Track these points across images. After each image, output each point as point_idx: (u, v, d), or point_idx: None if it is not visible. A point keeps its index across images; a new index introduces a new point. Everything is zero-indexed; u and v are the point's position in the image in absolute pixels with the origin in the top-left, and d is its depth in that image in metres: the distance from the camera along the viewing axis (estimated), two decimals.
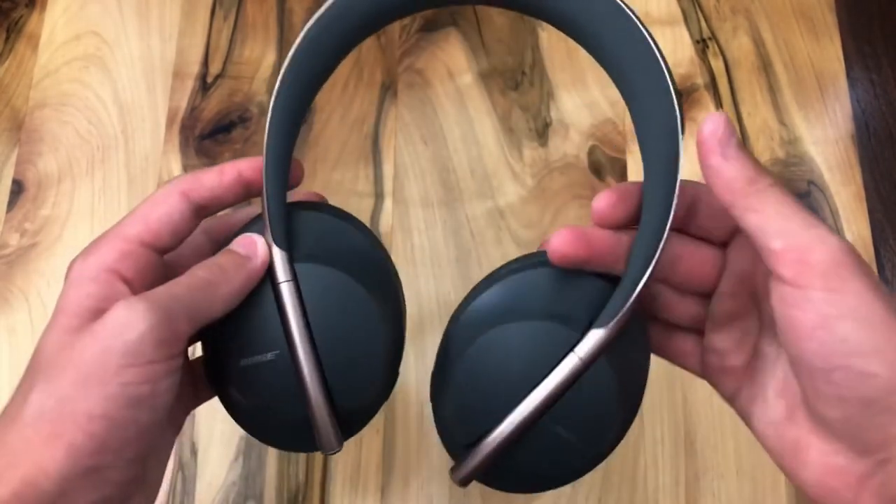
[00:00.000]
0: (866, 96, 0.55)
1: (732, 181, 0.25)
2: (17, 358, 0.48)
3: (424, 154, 0.53)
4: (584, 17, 0.29)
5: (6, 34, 0.56)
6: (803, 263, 0.23)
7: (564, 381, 0.27)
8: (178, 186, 0.29)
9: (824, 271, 0.23)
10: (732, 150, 0.25)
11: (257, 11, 0.57)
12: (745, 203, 0.24)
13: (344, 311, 0.29)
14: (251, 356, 0.29)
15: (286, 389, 0.29)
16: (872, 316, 0.22)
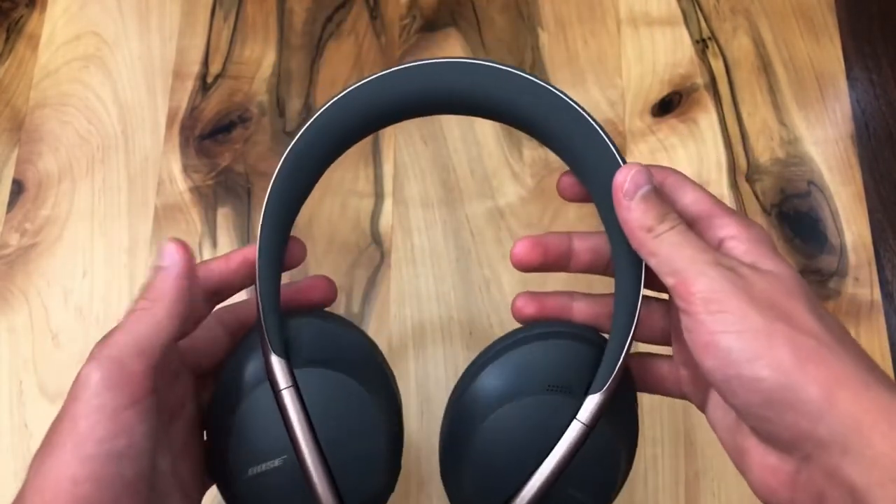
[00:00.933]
0: (866, 96, 0.55)
1: (634, 231, 0.29)
2: (17, 358, 0.48)
3: (424, 154, 0.53)
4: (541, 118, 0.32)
5: (6, 34, 0.56)
6: (689, 294, 0.26)
7: (572, 446, 0.30)
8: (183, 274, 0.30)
9: (705, 298, 0.26)
10: (636, 201, 0.29)
11: (257, 11, 0.57)
12: (646, 249, 0.28)
13: (345, 411, 0.30)
14: (257, 465, 0.29)
15: (295, 494, 0.29)
16: (752, 327, 0.25)
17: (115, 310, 0.49)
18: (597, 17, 0.56)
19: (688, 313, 0.27)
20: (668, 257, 0.28)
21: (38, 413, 0.47)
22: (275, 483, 0.29)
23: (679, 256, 0.27)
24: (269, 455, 0.29)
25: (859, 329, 0.49)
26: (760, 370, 0.25)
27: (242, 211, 0.51)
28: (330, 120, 0.34)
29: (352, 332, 0.33)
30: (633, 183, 0.29)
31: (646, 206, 0.28)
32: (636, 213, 0.28)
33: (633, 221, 0.29)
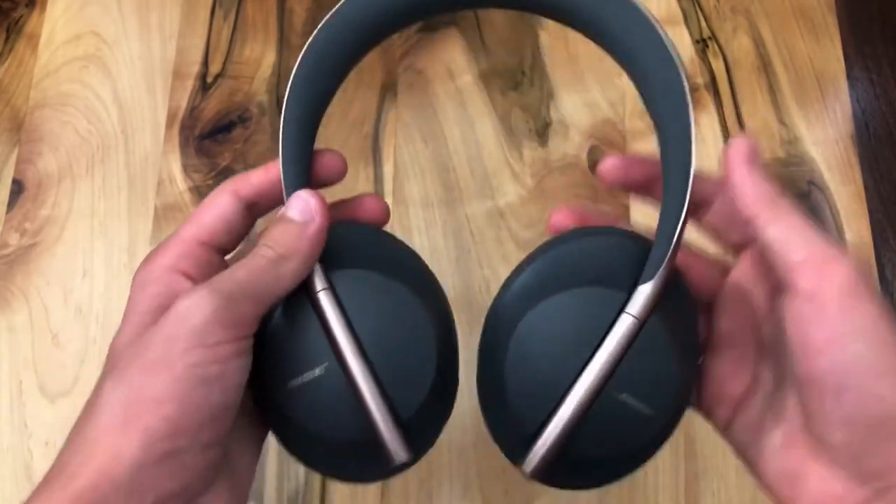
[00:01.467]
0: (866, 96, 0.55)
1: (758, 195, 0.25)
2: (17, 358, 0.48)
3: (424, 154, 0.53)
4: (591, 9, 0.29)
5: (6, 34, 0.56)
6: (823, 276, 0.23)
7: (622, 342, 0.26)
8: (228, 186, 0.30)
9: (842, 286, 0.23)
10: (758, 168, 0.26)
11: (257, 11, 0.57)
12: (769, 214, 0.25)
13: (389, 313, 0.28)
14: (297, 376, 0.27)
15: (342, 405, 0.27)
16: (884, 339, 0.22)
17: (116, 309, 0.49)
18: None
19: (811, 299, 0.23)
20: (799, 228, 0.24)
21: (38, 413, 0.47)
22: (318, 394, 0.27)
23: (812, 232, 0.24)
24: (309, 364, 0.27)
25: None
26: (886, 388, 0.22)
27: None
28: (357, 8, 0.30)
29: (395, 240, 0.30)
30: (752, 151, 0.26)
31: (766, 175, 0.26)
32: (757, 180, 0.25)
33: (755, 187, 0.25)
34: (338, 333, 0.27)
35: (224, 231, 0.29)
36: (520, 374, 0.27)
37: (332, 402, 0.27)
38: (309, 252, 0.28)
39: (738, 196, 0.26)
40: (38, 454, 0.46)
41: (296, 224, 0.28)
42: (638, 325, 0.26)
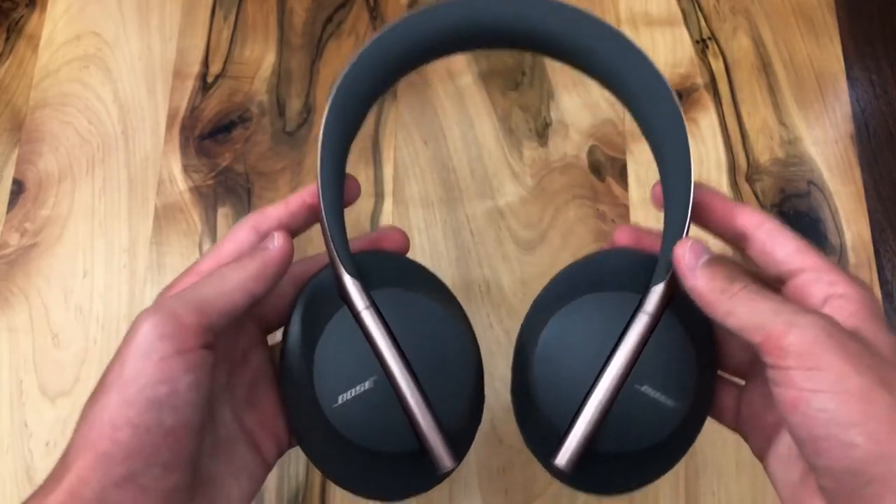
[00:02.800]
0: (866, 96, 0.55)
1: (704, 294, 0.28)
2: (17, 358, 0.48)
3: (424, 154, 0.53)
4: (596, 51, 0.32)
5: (6, 34, 0.56)
6: (780, 349, 0.25)
7: (640, 338, 0.29)
8: (247, 222, 0.31)
9: (798, 353, 0.24)
10: (699, 270, 0.28)
11: (257, 11, 0.57)
12: (722, 311, 0.27)
13: (428, 330, 0.30)
14: (347, 390, 0.28)
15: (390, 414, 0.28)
16: (849, 388, 0.24)
17: (116, 310, 0.49)
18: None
19: (778, 368, 0.25)
20: (749, 312, 0.26)
21: (38, 413, 0.47)
22: (367, 406, 0.28)
23: (762, 309, 0.26)
24: (357, 379, 0.28)
25: None
26: (855, 436, 0.23)
27: (242, 211, 0.52)
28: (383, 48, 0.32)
29: (420, 265, 0.33)
30: (692, 254, 0.28)
31: (712, 271, 0.28)
32: (703, 280, 0.28)
33: (703, 288, 0.28)
34: (383, 348, 0.28)
35: None
36: (547, 376, 0.29)
37: (381, 415, 0.28)
38: (257, 269, 0.29)
39: (695, 298, 0.28)
40: (38, 454, 0.46)
41: (262, 248, 0.30)
42: (653, 322, 0.29)
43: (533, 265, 0.50)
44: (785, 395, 0.25)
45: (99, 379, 0.27)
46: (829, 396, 0.24)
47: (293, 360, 0.30)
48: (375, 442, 0.28)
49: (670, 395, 0.29)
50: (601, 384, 0.29)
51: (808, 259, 0.28)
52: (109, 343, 0.49)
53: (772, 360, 0.25)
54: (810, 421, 0.24)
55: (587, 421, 0.28)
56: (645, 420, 0.29)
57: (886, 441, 0.23)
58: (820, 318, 0.25)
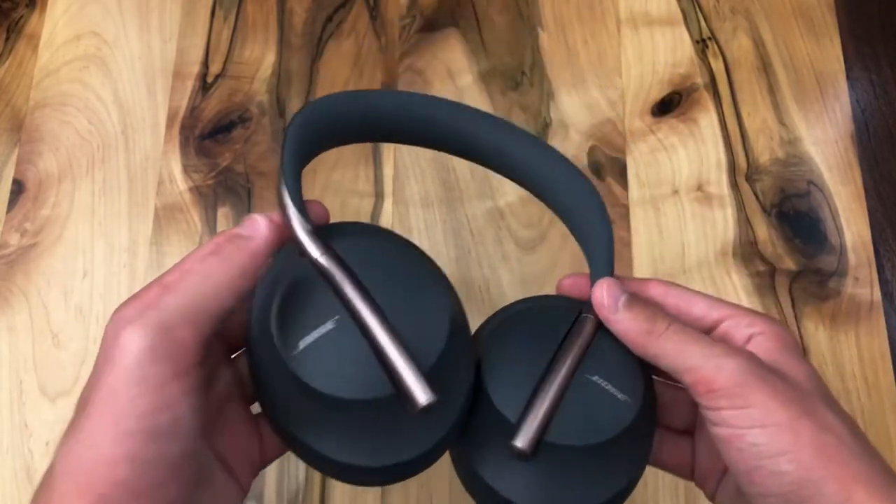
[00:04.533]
0: (866, 96, 0.55)
1: (632, 337, 0.29)
2: (17, 358, 0.48)
3: (424, 154, 0.53)
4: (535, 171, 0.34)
5: (6, 34, 0.56)
6: (710, 391, 0.26)
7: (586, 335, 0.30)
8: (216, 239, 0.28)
9: (728, 394, 0.26)
10: (621, 310, 0.29)
11: (257, 11, 0.57)
12: (650, 352, 0.28)
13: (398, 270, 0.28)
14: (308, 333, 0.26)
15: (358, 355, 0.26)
16: (777, 421, 0.25)
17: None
18: (597, 17, 0.56)
19: (711, 409, 0.27)
20: (678, 354, 0.28)
21: (38, 413, 0.47)
22: (332, 346, 0.26)
23: (690, 351, 0.27)
24: (317, 323, 0.26)
25: (859, 329, 0.49)
26: (785, 465, 0.25)
27: (242, 211, 0.52)
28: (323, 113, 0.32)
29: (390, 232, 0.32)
30: (609, 296, 0.29)
31: (632, 313, 0.29)
32: (626, 322, 0.29)
33: (628, 330, 0.29)
34: (345, 287, 0.26)
35: None
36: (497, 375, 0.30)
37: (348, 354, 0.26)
38: (247, 265, 0.26)
39: (622, 339, 0.29)
40: (38, 454, 0.46)
41: (238, 236, 0.27)
42: (597, 323, 0.30)
43: (533, 265, 0.50)
44: (721, 434, 0.27)
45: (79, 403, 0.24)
46: (759, 431, 0.26)
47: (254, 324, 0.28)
48: (341, 386, 0.26)
49: (621, 389, 0.29)
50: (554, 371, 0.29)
51: (723, 309, 0.30)
52: None
53: (705, 402, 0.27)
54: (745, 455, 0.26)
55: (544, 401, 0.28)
56: (598, 411, 0.29)
57: (812, 466, 0.25)
58: (744, 358, 0.27)
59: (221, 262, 0.26)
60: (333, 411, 0.27)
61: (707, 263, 0.50)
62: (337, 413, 0.27)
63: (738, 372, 0.26)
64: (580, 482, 0.29)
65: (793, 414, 0.26)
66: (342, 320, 0.26)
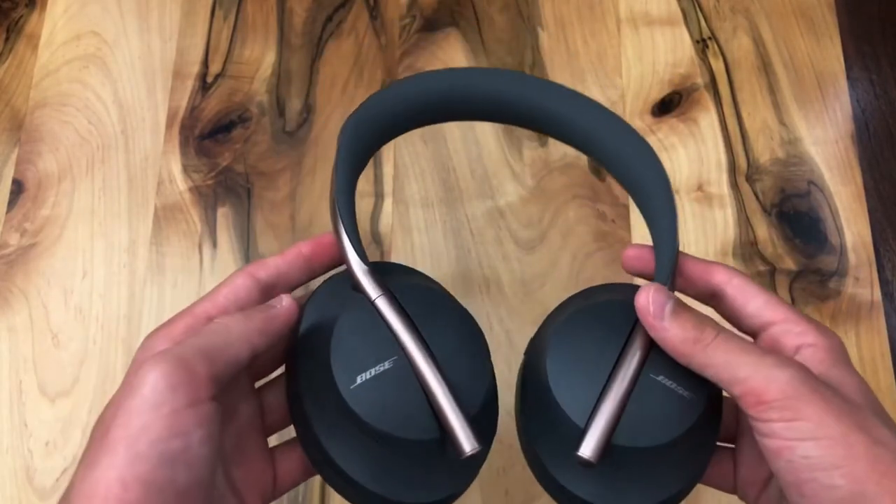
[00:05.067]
0: (866, 96, 0.55)
1: (678, 346, 0.28)
2: (17, 358, 0.48)
3: (424, 154, 0.53)
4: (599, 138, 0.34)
5: (6, 34, 0.56)
6: (761, 403, 0.26)
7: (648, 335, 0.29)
8: (245, 269, 0.31)
9: (780, 406, 0.26)
10: (668, 318, 0.28)
11: (257, 11, 0.57)
12: (697, 362, 0.28)
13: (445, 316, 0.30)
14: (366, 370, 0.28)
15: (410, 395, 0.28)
16: (829, 434, 0.25)
17: (115, 309, 0.49)
18: (597, 16, 0.56)
19: (761, 420, 0.26)
20: (726, 365, 0.27)
21: (37, 413, 0.47)
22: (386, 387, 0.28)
23: (739, 362, 0.27)
24: (375, 361, 0.28)
25: (859, 329, 0.49)
26: (838, 479, 0.25)
27: (242, 211, 0.51)
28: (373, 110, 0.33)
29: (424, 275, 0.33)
30: (656, 304, 0.28)
31: (680, 321, 0.28)
32: (674, 330, 0.28)
33: (674, 338, 0.28)
34: (400, 331, 0.28)
35: (235, 308, 0.30)
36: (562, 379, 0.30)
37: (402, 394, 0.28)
38: (262, 323, 0.28)
39: (667, 348, 0.28)
40: (38, 454, 0.46)
41: (264, 305, 0.30)
42: None
43: (533, 265, 0.50)
44: (770, 445, 0.26)
45: (96, 429, 0.26)
46: (811, 444, 0.25)
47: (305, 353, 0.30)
48: (393, 425, 0.27)
49: (685, 386, 0.29)
50: (619, 373, 0.29)
51: (778, 311, 0.30)
52: (109, 343, 0.49)
53: (754, 414, 0.26)
54: (795, 466, 0.26)
55: (610, 408, 0.28)
56: (665, 411, 0.29)
57: (865, 480, 0.25)
58: (796, 370, 0.26)
59: (244, 320, 0.28)
60: (378, 445, 0.28)
61: None
62: (380, 447, 0.28)
63: (789, 384, 0.26)
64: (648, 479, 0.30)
65: (845, 428, 0.25)
66: (397, 361, 0.28)
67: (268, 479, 0.31)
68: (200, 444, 0.25)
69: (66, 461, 0.46)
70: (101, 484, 0.23)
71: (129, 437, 0.24)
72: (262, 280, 0.30)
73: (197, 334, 0.27)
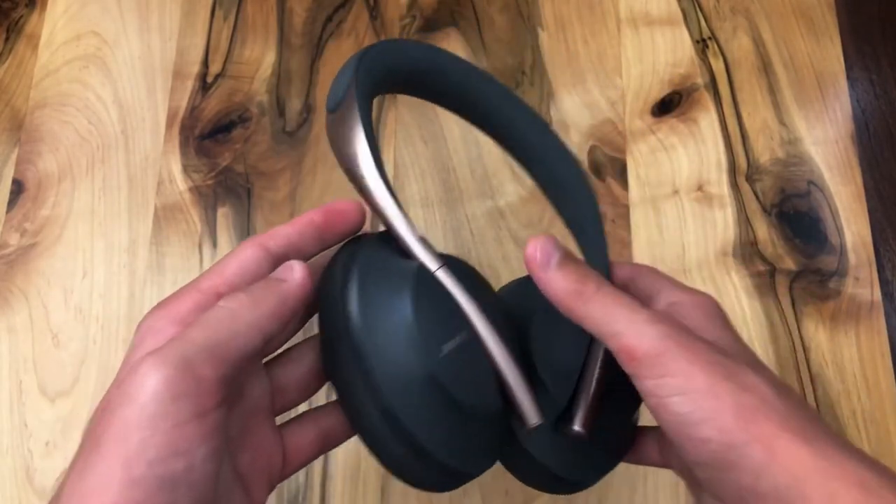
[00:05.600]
0: (866, 96, 0.55)
1: (562, 299, 0.28)
2: (17, 358, 0.48)
3: (424, 154, 0.53)
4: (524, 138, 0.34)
5: (6, 34, 0.56)
6: (633, 360, 0.26)
7: None
8: (255, 239, 0.28)
9: (649, 363, 0.26)
10: (553, 269, 0.28)
11: (257, 11, 0.57)
12: (577, 315, 0.28)
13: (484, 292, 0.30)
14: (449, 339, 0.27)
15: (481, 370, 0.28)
16: (696, 388, 0.25)
17: (115, 309, 0.49)
18: (597, 17, 0.56)
19: (636, 378, 0.26)
20: (603, 319, 0.27)
21: (37, 413, 0.47)
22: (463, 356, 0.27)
23: (615, 317, 0.27)
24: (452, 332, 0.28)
25: (859, 329, 0.49)
26: (707, 432, 0.25)
27: (242, 211, 0.51)
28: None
29: None
30: (543, 253, 0.28)
31: (564, 272, 0.28)
32: (557, 281, 0.28)
33: (558, 290, 0.28)
34: (465, 303, 0.28)
35: (244, 282, 0.27)
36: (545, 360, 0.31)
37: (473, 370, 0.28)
38: (277, 307, 0.26)
39: (552, 300, 0.28)
40: (38, 454, 0.46)
41: (272, 280, 0.27)
42: None
43: None
44: (649, 404, 0.26)
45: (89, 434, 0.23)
46: (680, 399, 0.25)
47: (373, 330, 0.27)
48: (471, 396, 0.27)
49: None
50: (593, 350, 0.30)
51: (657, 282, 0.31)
52: (109, 343, 0.49)
53: (630, 371, 0.26)
54: (672, 424, 0.26)
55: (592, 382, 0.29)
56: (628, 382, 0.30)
57: (732, 429, 0.24)
58: (666, 325, 0.26)
59: (253, 305, 0.25)
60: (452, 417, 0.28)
61: (707, 263, 0.50)
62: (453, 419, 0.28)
63: (659, 340, 0.26)
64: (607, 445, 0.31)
65: (712, 379, 0.25)
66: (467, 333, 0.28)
67: (276, 461, 0.29)
68: (205, 462, 0.22)
69: (66, 461, 0.46)
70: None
71: (125, 457, 0.21)
72: (273, 251, 0.28)
73: (201, 324, 0.24)
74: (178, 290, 0.26)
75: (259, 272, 0.27)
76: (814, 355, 0.48)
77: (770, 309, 0.49)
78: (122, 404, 0.22)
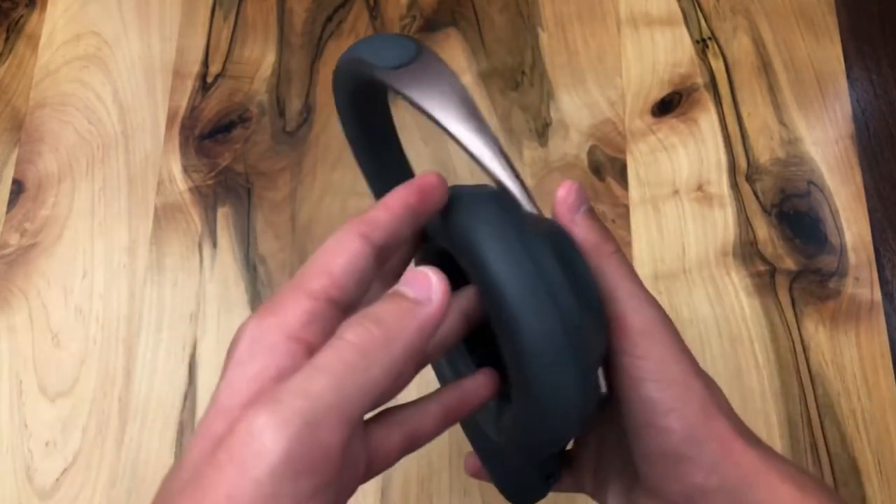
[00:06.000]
0: (866, 96, 0.55)
1: (586, 244, 0.27)
2: (17, 358, 0.48)
3: (424, 154, 0.53)
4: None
5: (6, 34, 0.56)
6: (623, 332, 0.26)
7: None
8: (356, 229, 0.23)
9: (635, 341, 0.26)
10: (580, 216, 0.28)
11: (257, 11, 0.57)
12: (597, 264, 0.27)
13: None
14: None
15: None
16: (669, 377, 0.25)
17: (115, 309, 0.49)
18: (597, 17, 0.56)
19: (618, 352, 0.26)
20: (612, 280, 0.27)
21: (37, 413, 0.47)
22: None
23: (622, 285, 0.27)
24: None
25: (859, 329, 0.49)
26: (672, 422, 0.25)
27: (242, 211, 0.51)
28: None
29: None
30: (576, 197, 0.28)
31: (590, 223, 0.28)
32: (582, 227, 0.28)
33: (584, 236, 0.27)
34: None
35: (355, 283, 0.22)
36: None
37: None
38: (414, 342, 0.21)
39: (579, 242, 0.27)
40: (38, 454, 0.46)
41: (408, 302, 0.22)
42: None
43: None
44: (620, 383, 0.26)
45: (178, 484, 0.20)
46: (653, 385, 0.25)
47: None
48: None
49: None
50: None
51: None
52: (109, 343, 0.49)
53: (617, 343, 0.26)
54: (636, 408, 0.25)
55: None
56: None
57: (695, 423, 0.25)
58: (660, 311, 0.26)
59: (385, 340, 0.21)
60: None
61: (707, 263, 0.50)
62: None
63: (650, 321, 0.26)
64: None
65: (686, 372, 0.25)
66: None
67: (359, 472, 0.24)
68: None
69: (66, 461, 0.46)
70: None
71: None
72: (377, 244, 0.23)
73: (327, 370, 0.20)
74: (284, 292, 0.22)
75: (368, 272, 0.23)
76: (814, 355, 0.48)
77: (770, 309, 0.49)
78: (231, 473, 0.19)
